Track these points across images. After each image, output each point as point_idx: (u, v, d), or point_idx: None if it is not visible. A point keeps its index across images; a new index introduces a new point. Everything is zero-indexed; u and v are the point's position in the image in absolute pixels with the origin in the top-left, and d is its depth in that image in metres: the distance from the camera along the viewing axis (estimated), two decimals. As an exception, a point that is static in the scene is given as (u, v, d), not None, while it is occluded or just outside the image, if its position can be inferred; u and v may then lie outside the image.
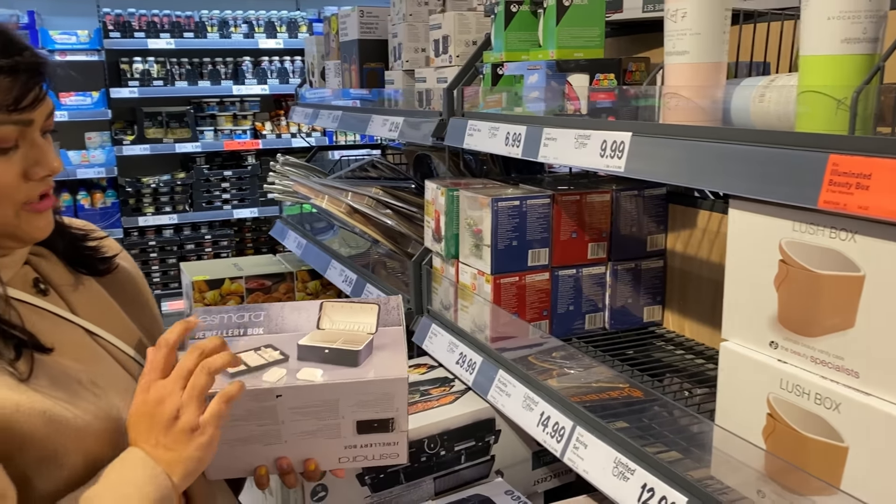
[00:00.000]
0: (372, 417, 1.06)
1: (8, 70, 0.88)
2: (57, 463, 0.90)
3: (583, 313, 1.55)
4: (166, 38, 4.99)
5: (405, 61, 1.96)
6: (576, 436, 1.16)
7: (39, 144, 0.94)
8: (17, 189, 0.92)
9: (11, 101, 0.88)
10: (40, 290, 1.04)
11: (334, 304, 1.14)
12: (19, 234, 0.96)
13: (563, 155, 1.25)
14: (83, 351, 1.02)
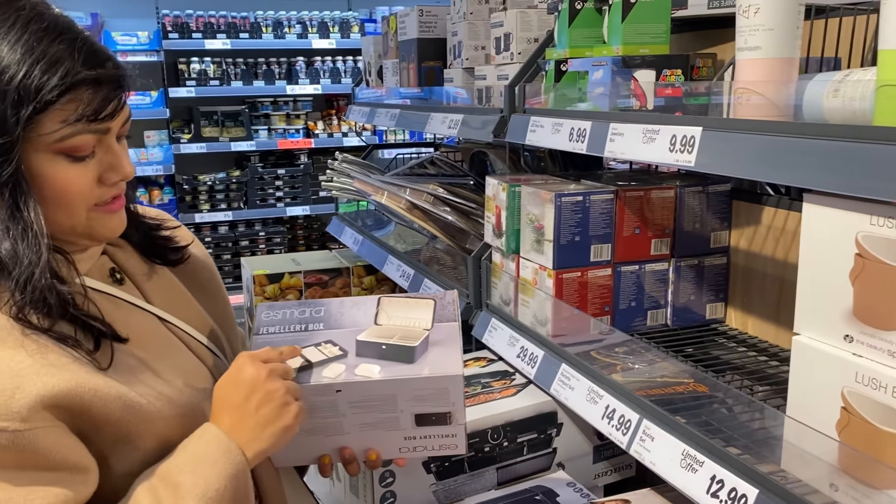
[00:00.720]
0: (429, 411, 1.09)
1: (91, 82, 0.91)
2: (131, 444, 0.95)
3: (644, 310, 1.55)
4: (222, 39, 5.10)
5: (465, 59, 1.99)
6: (642, 428, 1.17)
7: (115, 151, 0.98)
8: (91, 193, 0.96)
9: (91, 112, 0.91)
10: (116, 279, 1.09)
11: (391, 299, 1.17)
12: (92, 234, 1.00)
13: (631, 150, 1.26)
14: (156, 338, 1.07)
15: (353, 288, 2.77)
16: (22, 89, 0.87)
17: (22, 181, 0.90)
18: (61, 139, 0.91)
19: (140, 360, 0.99)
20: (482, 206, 1.93)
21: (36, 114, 0.88)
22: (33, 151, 0.90)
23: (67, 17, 0.97)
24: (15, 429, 0.83)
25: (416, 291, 2.05)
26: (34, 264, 0.89)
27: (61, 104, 0.89)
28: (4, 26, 0.90)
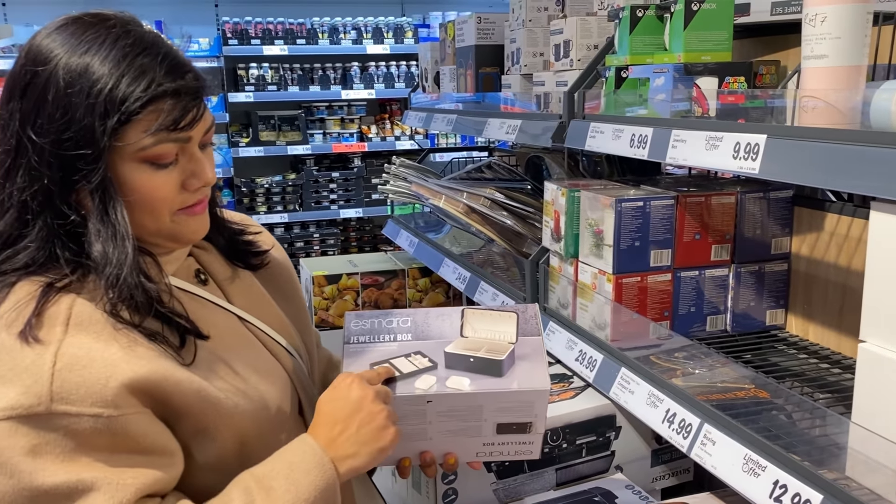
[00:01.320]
0: (512, 421, 1.13)
1: (171, 93, 0.96)
2: (209, 437, 1.00)
3: (704, 315, 1.56)
4: (280, 45, 5.21)
5: (523, 65, 2.01)
6: (703, 432, 1.18)
7: (197, 158, 1.03)
8: (174, 198, 1.01)
9: (171, 123, 0.96)
10: (201, 280, 1.15)
11: (475, 311, 1.21)
12: (176, 236, 1.06)
13: (693, 156, 1.27)
14: (236, 337, 1.12)
15: (409, 289, 2.82)
16: (108, 102, 0.93)
17: (110, 188, 0.95)
18: (145, 148, 0.96)
19: (220, 358, 1.04)
20: (539, 210, 1.95)
21: (121, 125, 0.94)
22: (120, 160, 0.96)
23: (154, 32, 1.02)
24: (109, 415, 0.89)
25: (472, 294, 2.08)
26: (122, 264, 0.95)
27: (144, 115, 0.94)
28: (96, 43, 0.95)
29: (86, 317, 0.93)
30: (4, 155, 0.96)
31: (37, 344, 0.89)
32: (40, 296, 0.92)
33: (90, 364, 0.89)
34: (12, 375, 0.87)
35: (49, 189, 0.94)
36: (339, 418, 1.03)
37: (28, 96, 0.95)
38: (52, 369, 0.87)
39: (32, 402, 0.86)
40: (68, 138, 0.93)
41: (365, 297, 2.78)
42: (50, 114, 0.93)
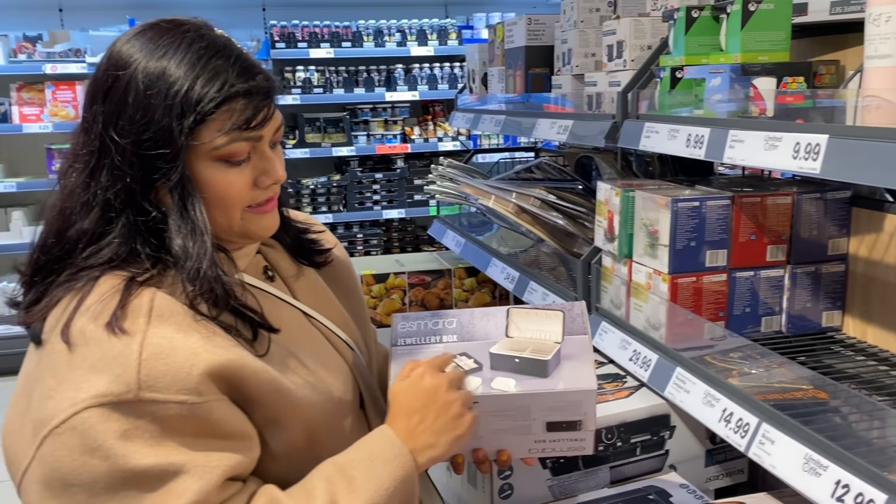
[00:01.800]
0: (561, 419, 1.14)
1: (244, 93, 1.00)
2: (280, 426, 1.03)
3: (759, 316, 1.55)
4: (326, 48, 5.28)
5: (575, 66, 2.02)
6: (761, 432, 1.18)
7: (268, 156, 1.06)
8: (246, 195, 1.05)
9: (243, 122, 1.00)
10: (268, 276, 1.19)
11: (520, 310, 1.21)
12: (248, 233, 1.09)
13: (751, 156, 1.27)
14: (302, 332, 1.15)
15: (455, 289, 2.84)
16: (184, 103, 0.97)
17: (188, 185, 1.00)
18: (219, 147, 1.00)
19: (289, 351, 1.08)
20: (589, 210, 1.96)
21: (196, 125, 0.98)
22: (195, 159, 1.00)
23: (226, 36, 1.07)
24: (193, 401, 0.93)
25: (521, 294, 2.10)
26: (202, 258, 0.99)
27: (218, 115, 0.99)
28: (172, 47, 1.00)
29: (166, 309, 0.97)
30: (89, 156, 1.01)
31: (123, 335, 0.93)
32: (124, 289, 0.96)
33: (174, 353, 0.93)
34: (101, 365, 0.92)
35: (131, 187, 0.99)
36: (416, 409, 1.06)
37: (110, 99, 1.00)
38: (138, 359, 0.91)
39: (122, 390, 0.90)
40: (148, 138, 0.97)
41: (412, 296, 2.81)
42: (131, 115, 0.98)
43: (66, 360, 0.93)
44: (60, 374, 0.93)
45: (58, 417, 0.90)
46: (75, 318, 0.95)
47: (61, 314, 0.97)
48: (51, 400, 0.92)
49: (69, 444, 0.90)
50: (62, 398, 0.91)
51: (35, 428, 0.93)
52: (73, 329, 0.94)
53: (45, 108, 4.87)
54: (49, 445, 0.91)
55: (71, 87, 4.89)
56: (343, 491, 0.98)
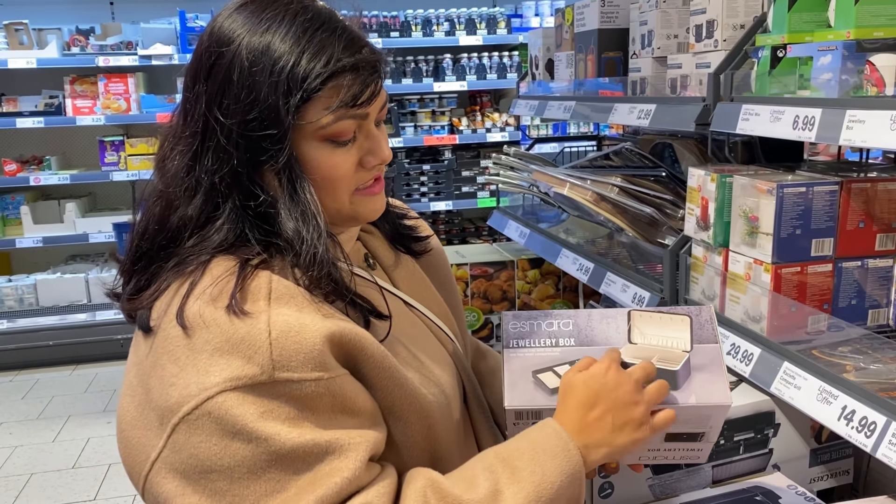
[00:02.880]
0: (683, 431, 1.07)
1: (351, 68, 0.94)
2: (396, 416, 0.98)
3: (865, 309, 1.47)
4: (374, 38, 5.24)
5: (656, 48, 1.94)
6: (891, 431, 1.11)
7: (374, 135, 1.01)
8: (353, 177, 1.01)
9: (351, 99, 0.95)
10: (369, 264, 1.15)
11: (643, 314, 1.12)
12: (356, 216, 1.05)
13: (873, 138, 1.19)
14: (407, 321, 1.11)
15: (518, 281, 2.78)
16: (291, 79, 0.92)
17: (296, 166, 0.95)
18: (325, 126, 0.95)
19: (399, 341, 1.03)
20: (675, 198, 1.89)
21: (303, 102, 0.93)
22: (301, 139, 0.96)
23: (328, 7, 1.01)
24: (329, 377, 0.89)
25: (597, 286, 2.03)
26: (316, 242, 0.94)
27: (325, 92, 0.94)
28: (276, 20, 0.95)
29: (284, 290, 0.93)
30: (192, 138, 0.96)
31: (246, 316, 0.88)
32: (239, 271, 0.92)
33: (303, 330, 0.89)
34: (229, 347, 0.87)
35: (237, 170, 0.94)
36: (595, 402, 0.98)
37: (213, 78, 0.95)
38: (268, 339, 0.87)
39: (256, 372, 0.86)
40: (254, 118, 0.93)
41: (474, 288, 2.76)
42: (236, 94, 0.93)
43: (186, 345, 0.89)
44: (181, 359, 0.89)
45: (189, 404, 0.86)
46: (189, 302, 0.91)
47: (172, 299, 0.93)
48: (174, 387, 0.88)
49: (206, 430, 0.86)
50: (189, 383, 0.87)
51: (162, 416, 0.89)
52: (189, 313, 0.90)
53: (97, 100, 4.90)
54: (182, 433, 0.87)
55: (123, 80, 4.92)
56: (506, 481, 0.92)
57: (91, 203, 5.32)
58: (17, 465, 3.69)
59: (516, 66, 5.46)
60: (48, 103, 4.94)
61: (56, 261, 5.33)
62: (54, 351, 4.83)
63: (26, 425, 4.14)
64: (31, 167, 5.02)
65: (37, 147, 5.26)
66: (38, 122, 4.81)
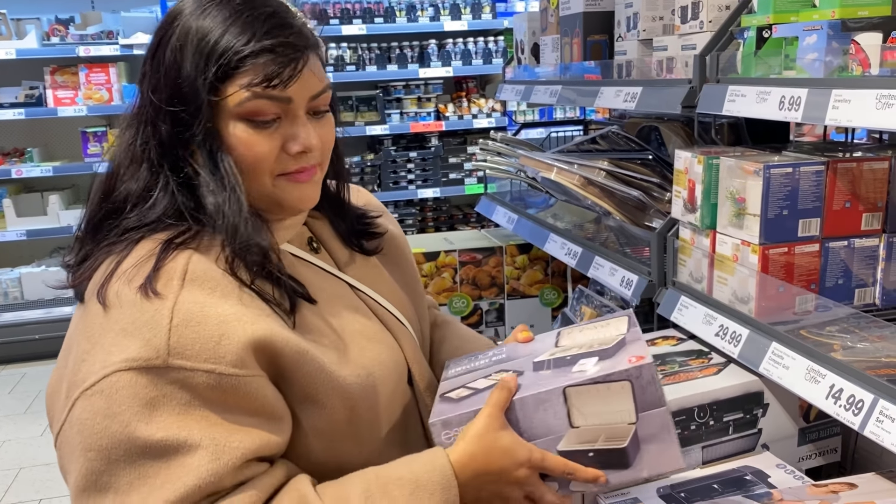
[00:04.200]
0: None
1: (269, 49, 0.96)
2: (318, 403, 1.00)
3: (852, 288, 1.48)
4: (358, 24, 5.20)
5: (641, 30, 1.94)
6: (879, 409, 1.11)
7: (300, 122, 1.01)
8: (273, 160, 1.01)
9: (264, 78, 0.96)
10: (313, 248, 1.16)
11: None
12: (281, 203, 1.05)
13: (859, 117, 1.19)
14: (345, 305, 1.11)
15: (506, 267, 2.78)
16: (209, 56, 0.96)
17: (215, 141, 0.98)
18: (241, 103, 0.97)
19: (329, 325, 1.05)
20: (662, 181, 1.89)
21: (219, 80, 0.96)
22: (222, 117, 0.99)
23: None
24: (221, 371, 0.91)
25: (585, 269, 2.03)
26: (236, 215, 0.97)
27: (242, 70, 0.96)
28: (215, 4, 0.99)
29: (200, 272, 0.95)
30: (136, 116, 1.02)
31: (155, 298, 0.91)
32: (160, 252, 0.95)
33: (204, 321, 0.91)
34: (133, 329, 0.90)
35: (165, 144, 0.99)
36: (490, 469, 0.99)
37: (155, 57, 1.01)
38: (169, 325, 0.90)
39: (151, 355, 0.89)
40: (176, 93, 0.97)
41: (462, 274, 2.75)
42: (165, 70, 0.98)
43: (100, 323, 0.93)
44: (94, 336, 0.93)
45: (89, 380, 0.90)
46: (111, 281, 0.94)
47: (101, 276, 0.96)
48: (84, 363, 0.92)
49: (95, 407, 0.89)
50: (94, 360, 0.91)
51: (69, 389, 0.93)
52: (109, 291, 0.94)
53: (79, 91, 4.85)
54: (78, 407, 0.91)
55: (104, 70, 4.86)
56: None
57: (75, 195, 5.26)
58: (4, 460, 3.67)
59: (502, 52, 5.44)
60: (28, 94, 4.88)
61: (41, 254, 5.28)
62: (41, 345, 4.79)
63: (14, 420, 4.11)
64: (12, 159, 4.97)
65: (18, 139, 5.19)
66: (19, 114, 4.75)
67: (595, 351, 1.06)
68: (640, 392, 0.97)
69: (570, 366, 1.03)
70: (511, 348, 1.18)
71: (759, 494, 1.20)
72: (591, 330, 1.15)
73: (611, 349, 1.04)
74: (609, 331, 1.12)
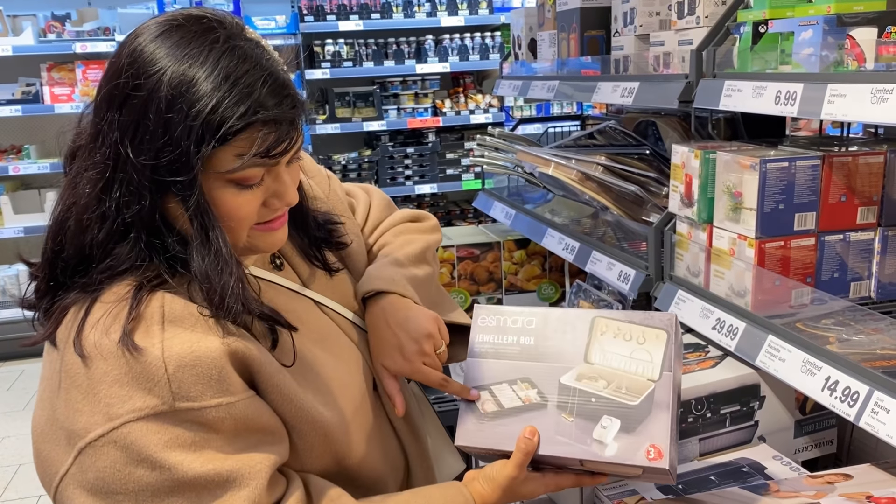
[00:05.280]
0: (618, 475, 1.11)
1: (269, 122, 0.92)
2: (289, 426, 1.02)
3: (847, 282, 1.49)
4: (355, 20, 5.20)
5: (638, 26, 1.94)
6: (874, 400, 1.13)
7: (283, 180, 1.00)
8: (253, 217, 1.00)
9: (265, 151, 0.93)
10: (276, 265, 1.15)
11: (609, 322, 1.03)
12: (253, 249, 1.05)
13: (855, 111, 1.20)
14: (313, 323, 1.12)
15: (504, 262, 2.79)
16: (205, 125, 0.89)
17: (207, 212, 0.93)
18: (232, 170, 0.93)
19: (298, 350, 1.05)
20: (660, 175, 1.90)
21: (214, 149, 0.91)
22: (206, 179, 0.94)
23: (257, 43, 0.97)
24: (228, 402, 0.92)
25: (583, 264, 2.04)
26: (227, 287, 0.94)
27: (238, 140, 0.91)
28: (201, 57, 0.91)
29: (178, 311, 0.93)
30: (103, 165, 0.93)
31: (141, 350, 0.89)
32: (132, 298, 0.92)
33: (198, 361, 0.91)
34: (129, 380, 0.89)
35: (147, 207, 0.93)
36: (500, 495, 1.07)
37: (129, 108, 0.91)
38: (165, 374, 0.89)
39: (157, 403, 0.89)
40: (165, 161, 0.90)
41: (460, 269, 2.76)
42: (152, 132, 0.90)
43: (86, 374, 0.90)
44: (83, 387, 0.90)
45: (94, 432, 0.89)
46: (86, 331, 0.91)
47: (72, 323, 0.94)
48: (80, 413, 0.90)
49: (111, 457, 0.89)
50: (94, 412, 0.89)
51: (69, 438, 0.91)
52: (86, 342, 0.91)
53: (76, 87, 4.85)
54: (89, 457, 0.89)
55: (101, 66, 4.83)
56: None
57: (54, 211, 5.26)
58: (4, 457, 3.68)
59: (499, 47, 5.44)
60: (25, 91, 4.87)
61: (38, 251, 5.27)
62: (39, 341, 4.80)
63: (13, 416, 4.12)
64: (9, 156, 4.96)
65: (15, 136, 5.19)
66: (16, 111, 4.75)
67: (621, 405, 1.02)
68: (650, 475, 1.05)
69: (593, 422, 1.02)
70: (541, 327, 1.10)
71: (756, 486, 1.21)
72: (626, 343, 1.05)
73: (636, 412, 1.00)
74: (643, 357, 1.04)
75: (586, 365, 1.03)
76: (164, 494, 0.89)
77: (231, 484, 0.91)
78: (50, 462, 0.94)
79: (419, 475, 1.20)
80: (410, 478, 1.20)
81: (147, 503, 0.89)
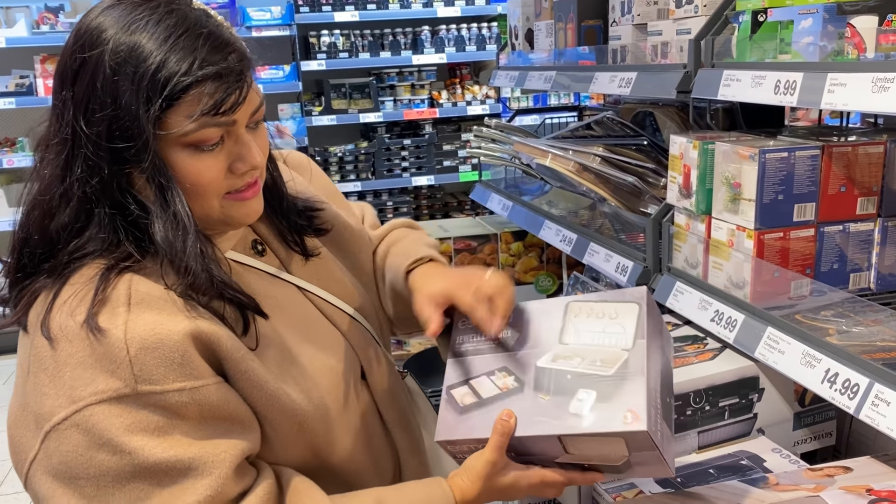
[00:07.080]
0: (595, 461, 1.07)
1: (213, 76, 0.92)
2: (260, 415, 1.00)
3: (847, 273, 1.48)
4: (351, 11, 5.17)
5: (636, 15, 1.93)
6: (874, 393, 1.12)
7: (245, 141, 0.99)
8: (221, 182, 0.99)
9: (212, 107, 0.92)
10: (258, 251, 1.13)
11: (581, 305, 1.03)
12: (228, 221, 1.04)
13: (856, 100, 1.19)
14: (294, 309, 1.11)
15: (501, 254, 2.78)
16: (151, 87, 0.90)
17: (164, 175, 0.93)
18: (187, 133, 0.93)
19: (276, 337, 1.04)
20: (657, 166, 1.88)
21: (163, 111, 0.91)
22: (165, 145, 0.94)
23: (202, 9, 0.98)
24: (192, 386, 0.91)
25: (580, 256, 2.03)
26: (188, 254, 0.94)
27: (186, 99, 0.91)
28: (142, 24, 0.92)
29: (144, 293, 0.93)
30: (61, 145, 0.94)
31: (101, 333, 0.89)
32: (99, 280, 0.92)
33: (160, 343, 0.90)
34: (92, 362, 0.89)
35: (106, 180, 0.93)
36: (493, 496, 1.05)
37: (79, 83, 0.92)
38: (127, 356, 0.88)
39: (119, 386, 0.88)
40: (116, 127, 0.91)
41: (458, 262, 2.75)
42: (100, 102, 0.91)
43: (52, 357, 0.91)
44: (49, 370, 0.90)
45: (58, 415, 0.89)
46: (53, 314, 0.91)
47: (42, 307, 0.94)
48: (46, 397, 0.90)
49: (74, 441, 0.89)
50: (58, 395, 0.89)
51: (37, 422, 0.91)
52: (53, 325, 0.91)
53: (70, 79, 4.81)
54: (53, 440, 0.89)
55: (95, 58, 4.82)
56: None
57: (18, 199, 5.23)
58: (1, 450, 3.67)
59: (495, 38, 5.41)
60: (19, 83, 4.84)
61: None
62: (35, 335, 4.79)
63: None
64: (3, 149, 4.93)
65: (8, 129, 5.15)
66: (10, 103, 4.72)
67: (596, 377, 1.01)
68: (634, 443, 0.99)
69: (569, 397, 1.01)
70: (517, 320, 1.11)
71: (755, 479, 1.20)
72: (599, 320, 1.07)
73: (612, 381, 1.00)
74: (615, 329, 1.05)
75: (561, 346, 1.03)
76: (124, 479, 0.88)
77: (193, 471, 0.90)
78: (21, 448, 0.95)
79: (411, 470, 1.18)
80: (401, 472, 1.18)
81: (108, 488, 0.89)
